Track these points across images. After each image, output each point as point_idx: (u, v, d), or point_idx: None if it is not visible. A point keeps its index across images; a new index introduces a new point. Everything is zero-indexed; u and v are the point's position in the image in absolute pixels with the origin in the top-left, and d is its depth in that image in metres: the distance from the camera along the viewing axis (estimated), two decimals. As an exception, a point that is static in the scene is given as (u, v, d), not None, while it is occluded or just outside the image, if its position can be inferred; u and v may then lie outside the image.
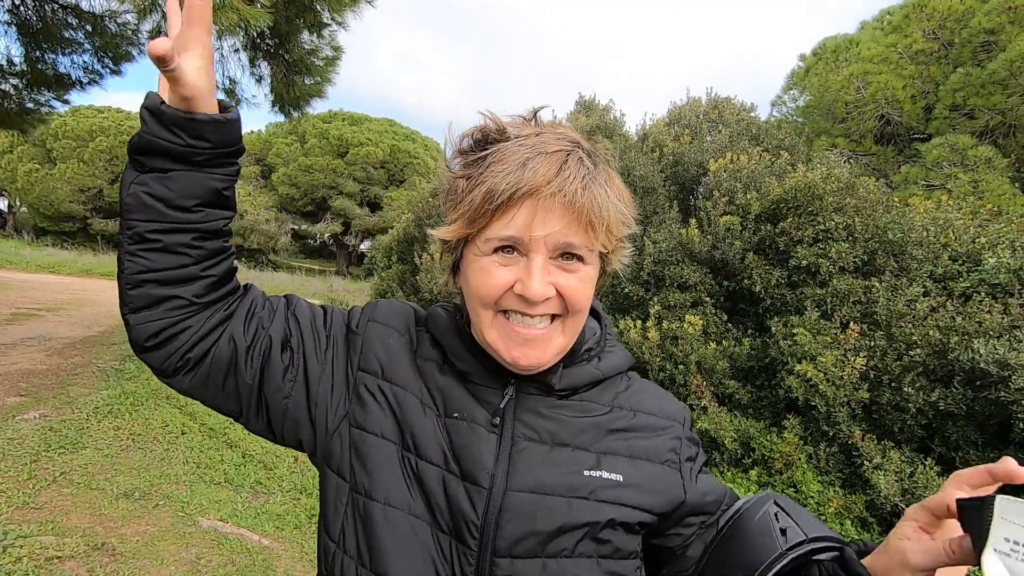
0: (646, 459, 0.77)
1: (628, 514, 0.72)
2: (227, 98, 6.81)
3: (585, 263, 0.69)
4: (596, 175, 0.68)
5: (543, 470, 0.71)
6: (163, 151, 0.65)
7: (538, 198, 0.65)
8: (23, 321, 8.70)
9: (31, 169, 26.41)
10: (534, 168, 0.65)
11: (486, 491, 0.69)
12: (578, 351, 0.78)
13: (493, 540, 0.67)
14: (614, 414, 0.78)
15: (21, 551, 2.63)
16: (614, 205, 0.69)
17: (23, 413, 4.53)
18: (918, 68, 8.98)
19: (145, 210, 0.67)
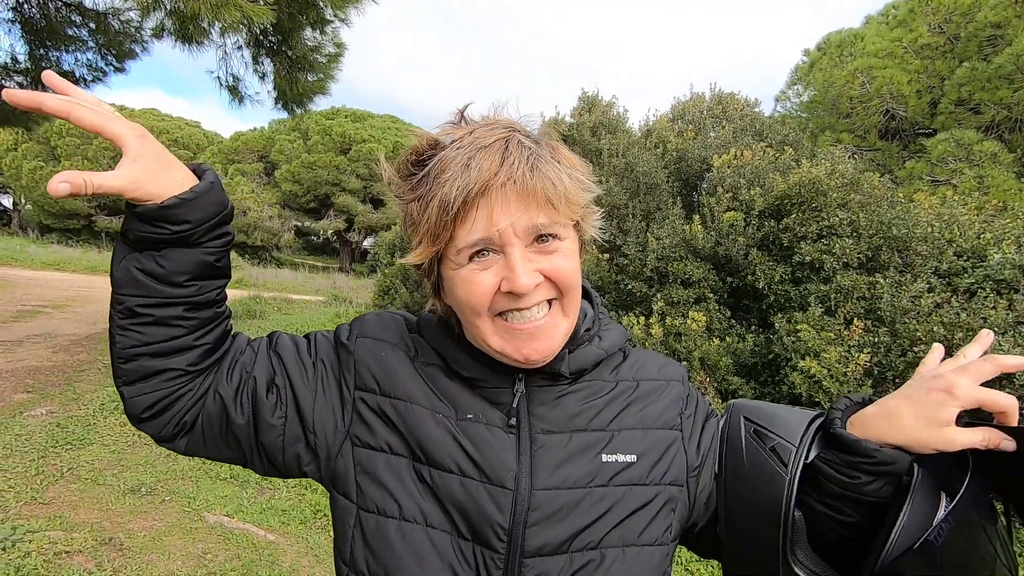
0: (655, 427, 0.77)
1: (648, 493, 0.72)
2: (231, 95, 6.82)
3: (561, 239, 0.69)
4: (540, 153, 0.67)
5: (564, 464, 0.71)
6: (153, 241, 0.66)
7: (490, 193, 0.64)
8: (29, 318, 8.75)
9: (35, 167, 26.51)
10: (478, 166, 0.64)
11: (512, 492, 0.68)
12: (579, 333, 0.77)
13: (522, 541, 0.67)
14: (619, 388, 0.78)
15: (30, 546, 2.65)
16: (567, 176, 0.68)
17: (30, 409, 4.56)
18: (923, 63, 8.92)
19: (136, 285, 0.67)
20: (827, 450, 0.71)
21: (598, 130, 8.61)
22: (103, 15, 6.72)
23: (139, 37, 7.00)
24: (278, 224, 26.88)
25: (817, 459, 0.71)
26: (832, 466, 0.69)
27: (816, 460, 0.72)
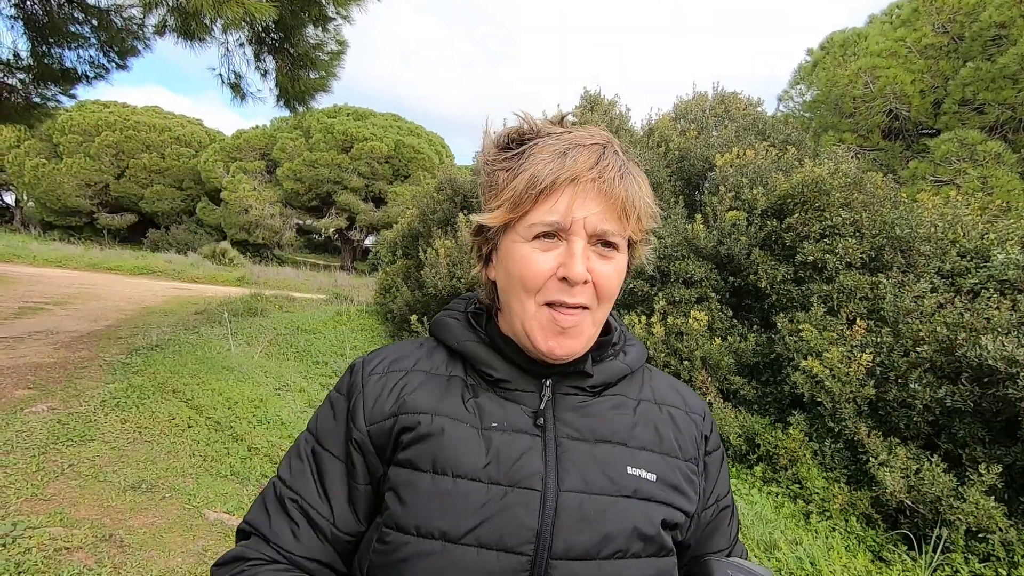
0: (674, 456, 0.77)
1: (669, 513, 0.73)
2: (233, 92, 6.82)
3: (619, 251, 0.72)
4: (629, 168, 0.72)
5: (590, 470, 0.71)
6: None
7: (578, 184, 0.68)
8: (31, 315, 8.76)
9: (38, 164, 26.56)
10: (575, 157, 0.68)
11: (540, 493, 0.68)
12: (606, 346, 0.79)
13: (550, 543, 0.66)
14: (643, 407, 0.79)
15: (30, 542, 2.65)
16: (644, 198, 0.72)
17: (31, 406, 4.57)
18: (927, 62, 8.90)
19: None
20: None
21: (600, 129, 8.58)
22: (105, 12, 6.72)
23: (141, 34, 7.00)
24: (280, 222, 26.89)
25: None
26: None
27: None
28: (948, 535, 3.27)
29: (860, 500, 3.74)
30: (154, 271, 18.57)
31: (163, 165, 28.15)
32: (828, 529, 3.61)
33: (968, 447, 3.64)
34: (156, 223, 29.43)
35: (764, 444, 4.41)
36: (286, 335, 8.39)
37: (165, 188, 28.47)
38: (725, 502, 0.84)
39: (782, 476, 4.23)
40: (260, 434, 4.50)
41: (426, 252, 7.39)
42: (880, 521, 3.67)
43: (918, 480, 3.48)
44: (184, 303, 11.90)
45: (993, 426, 3.63)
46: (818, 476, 4.05)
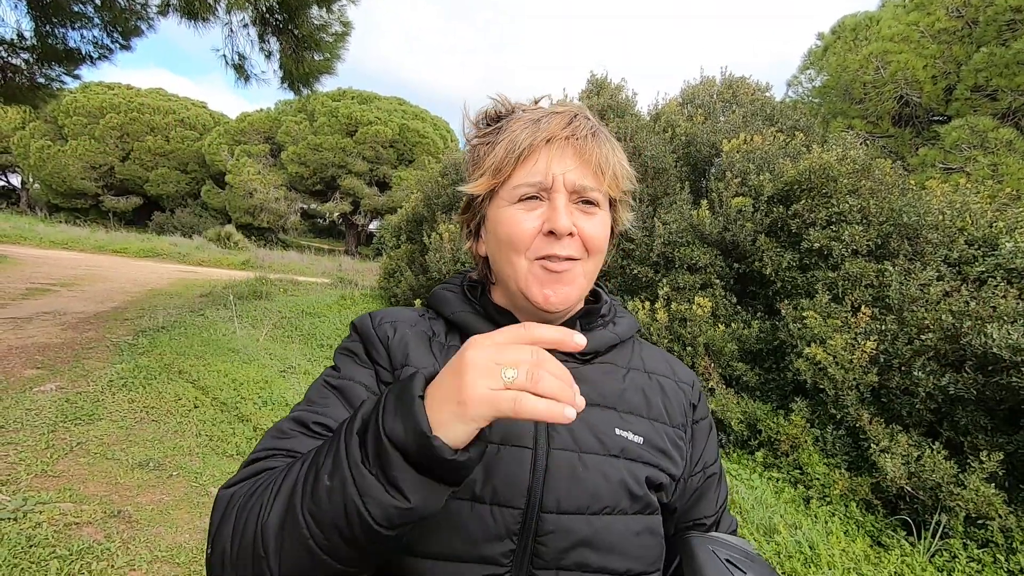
0: (661, 422, 0.80)
1: (654, 473, 0.76)
2: (237, 74, 6.78)
3: (600, 208, 0.76)
4: (600, 131, 0.77)
5: (580, 431, 0.74)
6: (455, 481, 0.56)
7: (553, 144, 0.73)
8: (38, 296, 8.83)
9: (43, 145, 26.56)
10: (547, 122, 0.74)
11: (531, 451, 0.71)
12: (594, 315, 0.83)
13: (541, 498, 0.69)
14: (631, 375, 0.82)
15: (41, 516, 2.70)
16: (617, 158, 0.77)
17: (40, 385, 4.62)
18: (940, 47, 8.75)
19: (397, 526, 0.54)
20: None
21: (606, 113, 8.52)
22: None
23: (145, 14, 6.94)
24: (284, 206, 26.87)
25: None
26: None
27: None
28: (947, 521, 3.29)
29: (860, 486, 3.76)
30: (159, 254, 18.64)
31: (168, 148, 28.12)
32: (828, 514, 3.64)
33: (970, 435, 3.64)
34: (161, 206, 29.48)
35: (766, 430, 4.43)
36: (291, 318, 8.44)
37: (170, 171, 28.47)
38: (712, 470, 0.86)
39: (783, 462, 4.25)
40: (265, 415, 4.54)
41: (430, 237, 7.39)
42: (880, 507, 3.70)
43: (919, 467, 3.50)
44: (190, 286, 11.95)
45: (996, 414, 3.63)
46: (819, 462, 4.07)
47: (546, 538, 0.68)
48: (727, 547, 0.77)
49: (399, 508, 0.52)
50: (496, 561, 0.68)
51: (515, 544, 0.68)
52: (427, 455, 0.51)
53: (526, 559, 0.68)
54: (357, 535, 0.52)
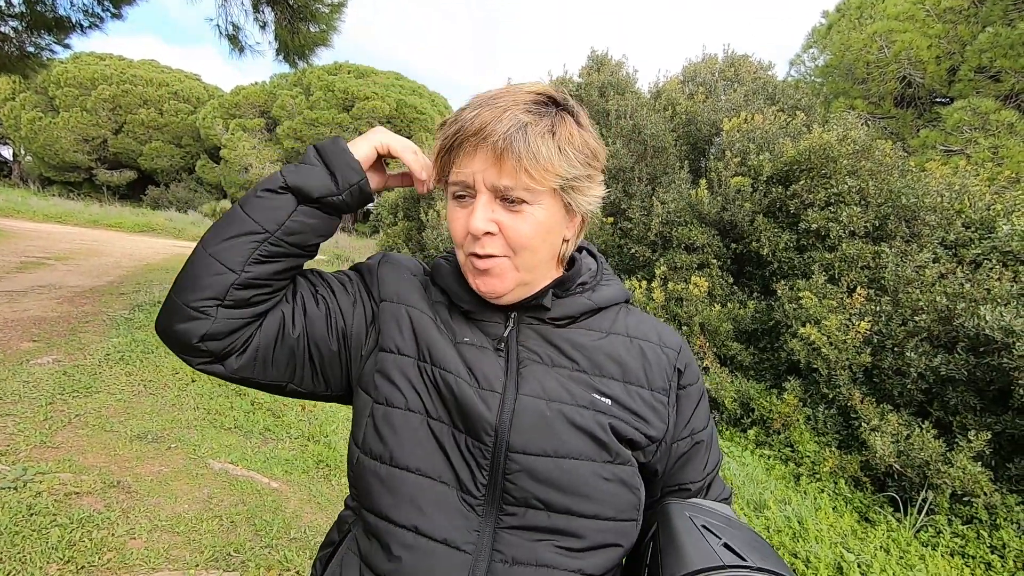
0: (638, 385, 0.81)
1: (623, 427, 0.78)
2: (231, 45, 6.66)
3: (529, 204, 0.74)
4: (537, 121, 0.73)
5: (548, 382, 0.78)
6: (342, 208, 0.81)
7: (476, 143, 0.73)
8: (32, 269, 8.78)
9: (34, 117, 26.12)
10: (476, 116, 0.73)
11: (499, 395, 0.76)
12: (570, 284, 0.84)
13: (508, 437, 0.74)
14: (611, 339, 0.83)
15: (40, 486, 2.73)
16: (554, 148, 0.73)
17: (37, 358, 4.62)
18: (945, 27, 8.63)
19: (299, 234, 0.78)
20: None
21: (606, 90, 8.42)
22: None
23: (136, -19, 6.78)
24: (280, 182, 26.58)
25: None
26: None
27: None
28: (934, 498, 3.36)
29: (850, 464, 3.82)
30: (155, 229, 18.51)
31: (161, 121, 27.70)
32: (817, 491, 3.71)
33: (959, 414, 3.70)
34: (156, 180, 29.16)
35: (759, 409, 4.49)
36: (287, 294, 8.42)
37: (164, 145, 28.09)
38: (701, 436, 0.87)
39: (775, 440, 4.32)
40: (263, 389, 4.57)
41: (427, 214, 7.35)
42: (868, 484, 3.77)
43: (908, 445, 3.55)
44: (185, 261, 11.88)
45: (985, 395, 3.68)
46: (810, 440, 4.13)
47: (514, 476, 0.73)
48: (706, 513, 0.77)
49: (297, 179, 0.78)
50: (470, 492, 0.74)
51: (486, 479, 0.74)
52: (332, 147, 0.80)
53: (497, 494, 0.74)
54: (272, 188, 0.78)
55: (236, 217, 0.77)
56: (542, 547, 0.73)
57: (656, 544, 0.75)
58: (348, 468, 0.82)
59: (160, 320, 0.78)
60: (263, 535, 2.68)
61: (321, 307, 0.84)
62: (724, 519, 0.77)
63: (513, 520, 0.73)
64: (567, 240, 0.82)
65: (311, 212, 0.79)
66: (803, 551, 2.83)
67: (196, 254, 0.77)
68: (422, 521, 0.72)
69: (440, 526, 0.72)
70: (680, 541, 0.72)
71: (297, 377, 0.83)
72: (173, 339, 0.77)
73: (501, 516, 0.73)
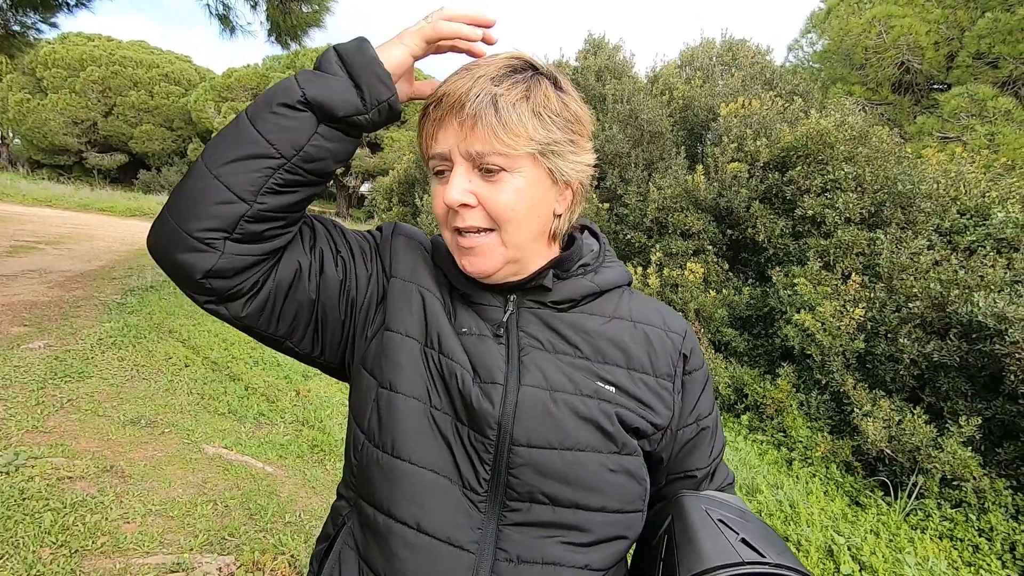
0: (643, 372, 0.78)
1: (628, 415, 0.75)
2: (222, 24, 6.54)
3: (508, 171, 0.70)
4: (512, 85, 0.70)
5: (550, 371, 0.75)
6: (364, 125, 0.72)
7: (449, 113, 0.70)
8: (23, 254, 8.69)
9: (22, 99, 25.69)
10: (448, 85, 0.71)
11: (502, 387, 0.73)
12: (571, 265, 0.80)
13: (511, 430, 0.71)
14: (614, 324, 0.80)
15: (33, 471, 2.72)
16: (526, 111, 0.69)
17: (28, 342, 4.59)
18: (944, 12, 8.57)
19: (320, 161, 0.70)
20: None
21: (603, 74, 8.33)
22: (84, -67, 6.33)
23: (123, -41, 6.62)
24: (273, 166, 26.33)
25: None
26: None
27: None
28: (924, 483, 3.40)
29: (841, 449, 3.86)
30: (146, 213, 18.33)
31: (152, 104, 27.30)
32: (809, 475, 3.74)
33: (950, 400, 3.73)
34: (147, 164, 28.81)
35: (752, 394, 4.51)
36: (281, 279, 8.38)
37: (155, 128, 27.71)
38: (706, 423, 0.85)
39: (768, 425, 4.35)
40: (257, 374, 4.55)
41: (422, 199, 7.30)
42: (859, 469, 3.81)
43: (899, 430, 3.59)
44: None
45: (976, 381, 3.71)
46: (802, 425, 4.16)
47: (518, 471, 0.70)
48: (721, 506, 0.75)
49: (318, 92, 0.68)
50: (472, 488, 0.71)
51: (489, 474, 0.71)
52: (359, 55, 0.70)
53: (500, 489, 0.71)
54: (289, 102, 0.68)
55: (245, 134, 0.67)
56: (548, 543, 0.71)
57: (671, 538, 0.73)
58: (349, 454, 0.79)
59: (157, 242, 0.69)
60: (258, 519, 2.68)
61: (339, 270, 0.79)
62: (739, 512, 0.75)
63: (517, 516, 0.71)
64: (559, 215, 0.77)
65: (332, 134, 0.70)
66: (794, 534, 2.86)
67: (197, 171, 0.68)
68: (424, 518, 0.70)
69: (443, 523, 0.70)
70: (697, 536, 0.70)
71: (296, 336, 0.78)
72: (174, 269, 0.69)
73: (504, 512, 0.71)
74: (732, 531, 0.69)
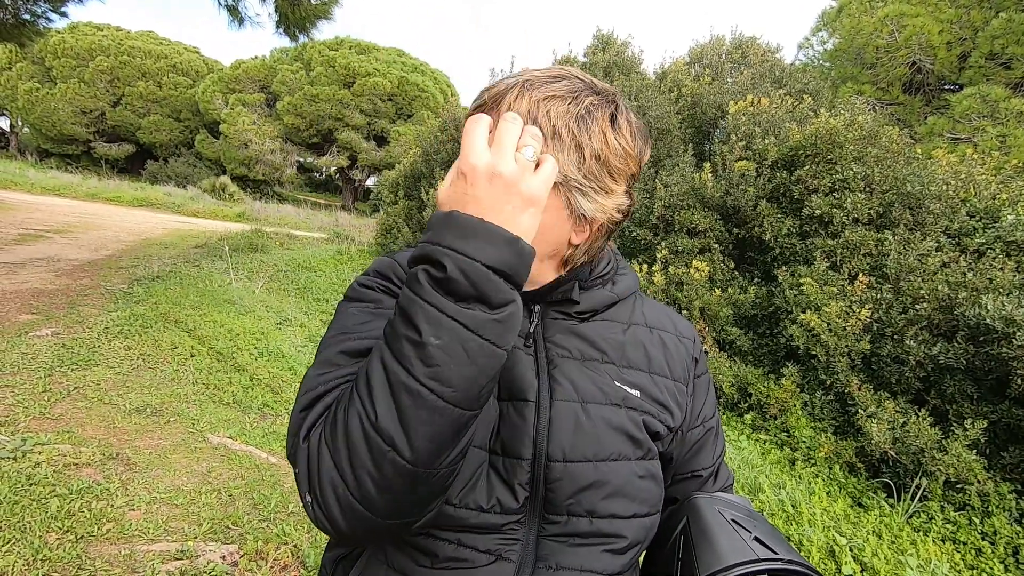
0: (662, 375, 0.81)
1: (651, 421, 0.77)
2: (231, 15, 6.54)
3: None
4: (558, 110, 0.66)
5: (580, 381, 0.75)
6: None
7: (497, 113, 0.67)
8: (31, 242, 8.74)
9: (31, 88, 25.80)
10: (495, 86, 0.69)
11: (534, 404, 0.73)
12: (592, 275, 0.82)
13: (547, 447, 0.71)
14: (632, 331, 0.83)
15: (40, 457, 2.74)
16: (577, 142, 0.66)
17: (36, 330, 4.62)
18: (958, 12, 8.48)
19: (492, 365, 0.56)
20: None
21: (611, 71, 8.30)
22: (94, -78, 6.32)
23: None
24: (280, 159, 26.38)
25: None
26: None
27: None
28: (927, 485, 3.39)
29: (845, 450, 3.84)
30: (153, 203, 18.40)
31: (160, 94, 27.38)
32: (811, 475, 3.73)
33: (956, 403, 3.71)
34: (154, 154, 28.92)
35: (756, 394, 4.50)
36: (287, 272, 8.40)
37: (163, 118, 27.80)
38: (711, 423, 0.88)
39: (771, 424, 4.34)
40: (262, 365, 4.57)
41: (429, 193, 7.29)
42: (862, 470, 3.80)
43: (904, 432, 3.57)
44: (184, 236, 11.85)
45: (983, 384, 3.69)
46: (806, 426, 4.15)
47: (555, 485, 0.71)
48: (732, 507, 0.79)
49: (505, 323, 0.55)
50: (510, 509, 0.71)
51: (528, 492, 0.72)
52: (519, 259, 0.55)
53: (538, 506, 0.72)
54: (486, 367, 0.55)
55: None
56: (587, 551, 0.73)
57: (688, 538, 0.76)
58: None
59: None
60: (261, 509, 2.70)
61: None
62: (747, 511, 0.78)
63: (556, 528, 0.72)
64: (575, 245, 0.73)
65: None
66: (796, 534, 2.85)
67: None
68: (464, 536, 0.71)
69: (482, 539, 0.71)
70: (714, 536, 0.73)
71: None
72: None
73: (543, 525, 0.72)
74: (745, 530, 0.73)
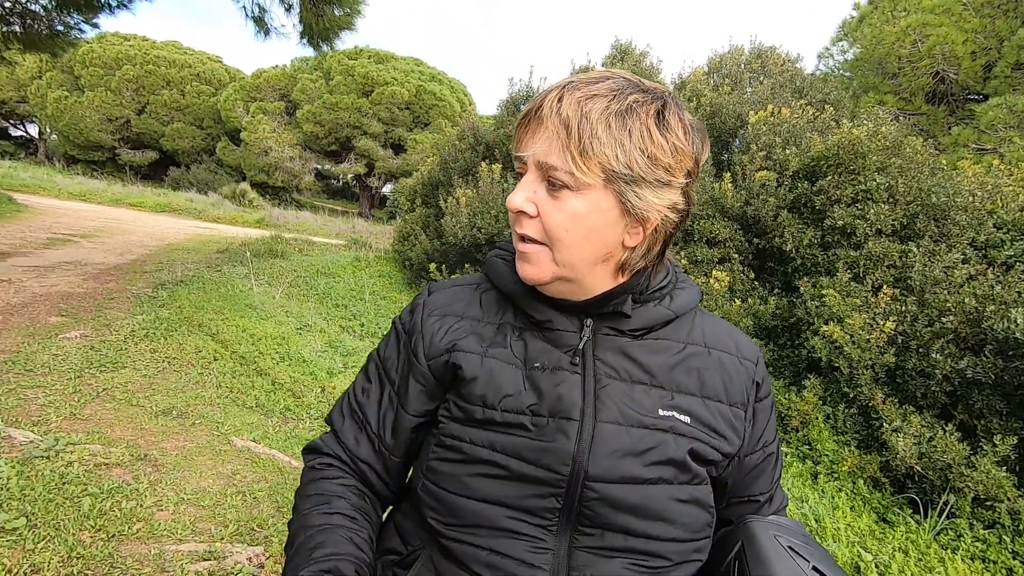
0: (717, 400, 0.78)
1: (702, 448, 0.75)
2: (257, 27, 6.68)
3: (572, 190, 0.67)
4: (607, 108, 0.65)
5: (627, 404, 0.74)
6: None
7: (534, 119, 0.69)
8: (59, 246, 8.96)
9: (60, 96, 26.51)
10: (546, 93, 0.69)
11: (578, 423, 0.72)
12: (647, 289, 0.78)
13: (586, 467, 0.70)
14: (688, 351, 0.79)
15: (72, 456, 2.80)
16: (605, 136, 0.65)
17: (65, 332, 4.73)
18: (983, 21, 8.38)
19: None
20: None
21: (630, 80, 8.31)
22: (128, -63, 6.53)
23: (164, -38, 6.80)
24: (299, 165, 26.76)
25: None
26: None
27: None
28: (955, 502, 3.32)
29: (869, 464, 3.78)
30: (175, 209, 18.76)
31: (183, 102, 27.97)
32: (835, 489, 3.68)
33: (984, 418, 3.64)
34: (177, 161, 29.51)
35: (777, 405, 4.45)
36: (306, 277, 8.51)
37: (185, 126, 28.38)
38: (771, 448, 0.85)
39: (792, 437, 4.29)
40: (283, 370, 4.63)
41: (447, 201, 7.35)
42: (887, 485, 3.73)
43: (930, 447, 3.51)
44: (206, 241, 12.06)
45: (1012, 399, 3.62)
46: (829, 439, 4.09)
47: (592, 504, 0.71)
48: (788, 532, 0.76)
49: None
50: (541, 515, 0.72)
51: (560, 504, 0.71)
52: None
53: (572, 518, 0.72)
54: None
55: None
56: (618, 564, 0.72)
57: (743, 564, 0.74)
58: (415, 487, 0.81)
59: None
60: (285, 512, 2.73)
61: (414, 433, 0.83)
62: (804, 538, 0.76)
63: (589, 541, 0.72)
64: (630, 247, 0.72)
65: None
66: (821, 549, 2.81)
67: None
68: (497, 544, 0.72)
69: (516, 548, 0.71)
70: (771, 564, 0.71)
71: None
72: None
73: (576, 536, 0.72)
74: (803, 559, 0.71)
